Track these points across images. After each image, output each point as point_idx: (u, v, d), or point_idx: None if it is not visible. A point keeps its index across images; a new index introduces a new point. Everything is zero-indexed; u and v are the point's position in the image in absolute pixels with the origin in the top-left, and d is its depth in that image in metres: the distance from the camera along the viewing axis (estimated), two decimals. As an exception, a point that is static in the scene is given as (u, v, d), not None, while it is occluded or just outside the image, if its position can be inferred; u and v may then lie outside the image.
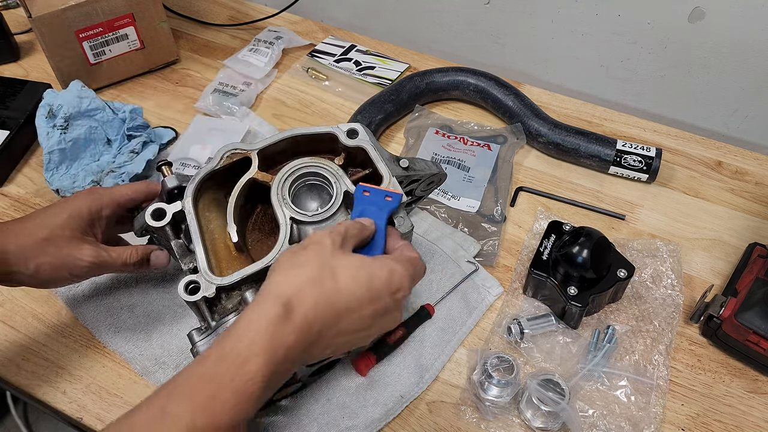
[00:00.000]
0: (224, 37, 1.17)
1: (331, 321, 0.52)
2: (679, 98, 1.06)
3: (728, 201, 0.90)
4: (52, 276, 0.65)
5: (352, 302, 0.53)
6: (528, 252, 0.82)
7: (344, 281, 0.53)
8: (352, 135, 0.69)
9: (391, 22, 1.23)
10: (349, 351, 0.64)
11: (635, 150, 0.89)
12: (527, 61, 1.15)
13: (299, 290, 0.51)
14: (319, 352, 0.53)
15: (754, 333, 0.68)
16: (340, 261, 0.54)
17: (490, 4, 1.10)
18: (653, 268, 0.80)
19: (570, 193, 0.91)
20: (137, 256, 0.68)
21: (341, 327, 0.53)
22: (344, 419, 0.67)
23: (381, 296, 0.54)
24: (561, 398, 0.65)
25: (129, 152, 0.91)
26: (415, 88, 0.99)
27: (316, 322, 0.51)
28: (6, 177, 0.92)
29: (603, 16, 1.02)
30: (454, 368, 0.73)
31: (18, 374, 0.72)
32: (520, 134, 0.95)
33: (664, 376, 0.71)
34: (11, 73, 1.08)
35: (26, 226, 0.65)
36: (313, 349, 0.52)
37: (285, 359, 0.49)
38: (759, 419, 0.69)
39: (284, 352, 0.49)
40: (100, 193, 0.69)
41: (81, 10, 0.94)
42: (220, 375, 0.47)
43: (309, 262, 0.53)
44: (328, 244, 0.55)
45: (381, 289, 0.54)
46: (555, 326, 0.74)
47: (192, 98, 1.04)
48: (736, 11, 0.92)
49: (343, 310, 0.52)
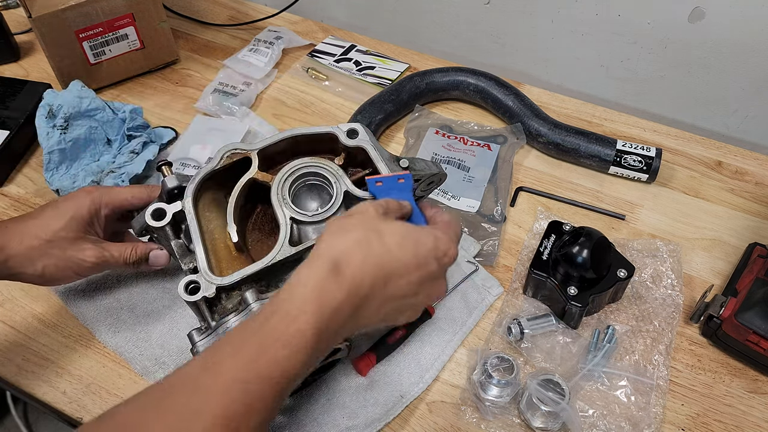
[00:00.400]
0: (224, 37, 1.17)
1: (379, 283, 0.52)
2: (679, 98, 1.06)
3: (728, 201, 0.90)
4: (57, 276, 0.66)
5: (400, 266, 0.53)
6: (528, 252, 0.82)
7: (391, 245, 0.53)
8: (352, 135, 0.69)
9: (391, 22, 1.23)
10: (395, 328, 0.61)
11: (635, 150, 0.89)
12: (527, 61, 1.15)
13: (347, 251, 0.51)
14: (368, 317, 0.53)
15: (754, 333, 0.68)
16: (386, 227, 0.54)
17: (490, 4, 1.10)
18: (653, 268, 0.80)
19: (570, 193, 0.91)
20: (136, 255, 0.69)
21: (389, 291, 0.53)
22: (344, 419, 0.67)
23: (428, 262, 0.54)
24: (561, 398, 0.65)
25: (129, 152, 0.91)
26: (415, 88, 0.99)
27: (365, 283, 0.51)
28: (6, 177, 0.92)
29: (603, 16, 1.02)
30: (454, 368, 0.73)
31: (18, 374, 0.72)
32: (520, 134, 0.95)
33: (664, 376, 0.71)
34: (11, 73, 1.08)
35: (29, 227, 0.66)
36: (362, 312, 0.51)
37: (334, 318, 0.49)
38: (759, 419, 0.69)
39: (333, 311, 0.49)
40: (100, 193, 0.70)
41: (81, 10, 0.94)
42: (268, 330, 0.47)
43: (356, 227, 0.53)
44: (372, 212, 0.55)
45: (427, 255, 0.54)
46: (555, 326, 0.74)
47: (192, 98, 1.04)
48: (736, 11, 0.92)
49: (390, 274, 0.52)
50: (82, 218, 0.68)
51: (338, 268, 0.50)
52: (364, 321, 0.53)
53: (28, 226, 0.66)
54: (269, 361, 0.45)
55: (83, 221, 0.68)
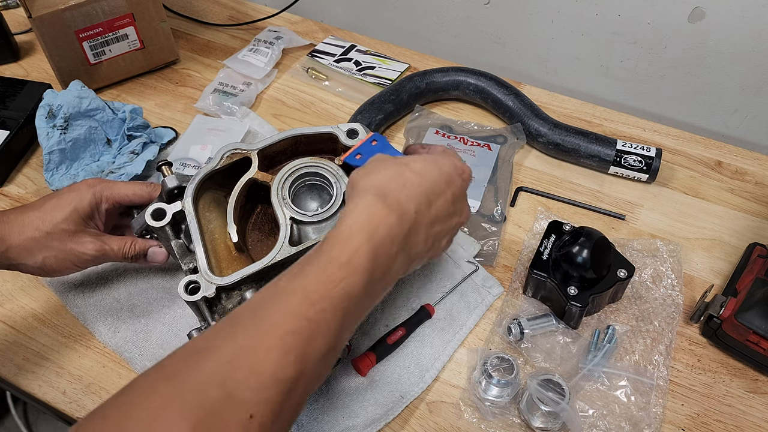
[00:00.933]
0: (224, 37, 1.17)
1: (423, 206, 0.53)
2: (679, 98, 1.06)
3: (728, 201, 0.90)
4: (57, 267, 0.67)
5: (435, 187, 0.55)
6: (528, 252, 0.82)
7: (420, 170, 0.55)
8: (352, 135, 0.69)
9: (391, 22, 1.23)
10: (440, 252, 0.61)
11: (635, 150, 0.89)
12: (527, 61, 1.15)
13: (387, 183, 0.53)
14: (417, 244, 0.54)
15: (754, 333, 0.68)
16: (406, 159, 0.56)
17: (490, 4, 1.10)
18: (653, 268, 0.80)
19: (570, 193, 0.91)
20: (135, 250, 0.70)
21: (432, 213, 0.54)
22: (344, 419, 0.67)
23: (453, 179, 0.57)
24: (561, 398, 0.65)
25: (129, 153, 0.91)
26: (415, 88, 0.99)
27: (410, 208, 0.52)
28: (6, 177, 0.92)
29: (603, 16, 1.02)
30: (454, 368, 0.73)
31: (18, 374, 0.72)
32: (520, 134, 0.95)
33: (664, 376, 0.71)
34: (11, 73, 1.08)
35: (30, 218, 0.66)
36: (412, 239, 0.52)
37: (386, 242, 0.50)
38: (759, 419, 0.69)
39: (384, 234, 0.49)
40: (102, 187, 0.70)
41: (81, 10, 0.94)
42: (322, 256, 0.48)
43: (382, 166, 0.55)
44: (385, 155, 0.58)
45: (450, 172, 0.57)
46: (555, 326, 0.74)
47: (192, 98, 1.04)
48: (736, 11, 0.92)
49: (429, 195, 0.54)
50: (84, 211, 0.68)
51: (384, 195, 0.51)
52: (415, 250, 0.53)
53: (29, 217, 0.66)
54: (328, 280, 0.46)
55: (84, 214, 0.68)
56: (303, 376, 0.43)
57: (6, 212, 0.67)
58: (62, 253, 0.66)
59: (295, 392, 0.42)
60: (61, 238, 0.66)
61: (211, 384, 0.40)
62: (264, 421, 0.40)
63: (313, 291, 0.45)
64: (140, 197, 0.72)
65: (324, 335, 0.44)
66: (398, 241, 0.51)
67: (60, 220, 0.66)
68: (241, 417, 0.39)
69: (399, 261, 0.52)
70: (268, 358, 0.42)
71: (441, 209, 0.55)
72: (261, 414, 0.40)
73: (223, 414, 0.39)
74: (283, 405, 0.41)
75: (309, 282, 0.46)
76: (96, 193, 0.69)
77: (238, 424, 0.39)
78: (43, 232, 0.65)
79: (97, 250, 0.68)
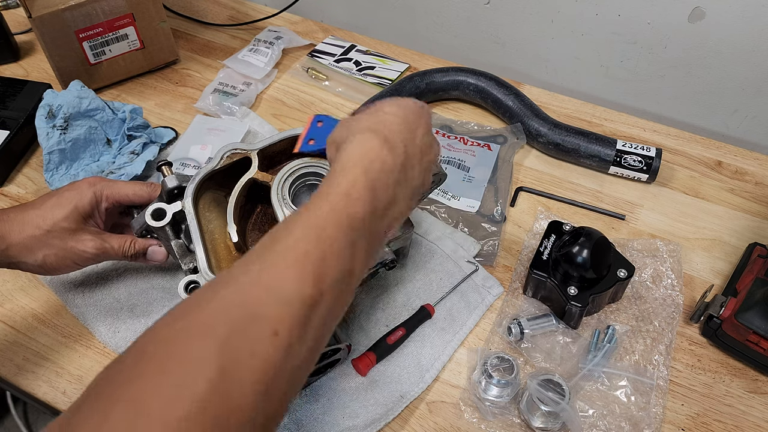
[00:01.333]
0: (224, 37, 1.17)
1: (408, 136, 0.54)
2: (679, 98, 1.06)
3: (728, 201, 0.90)
4: (57, 265, 0.67)
5: (409, 119, 0.56)
6: (528, 252, 0.82)
7: (393, 110, 0.56)
8: (352, 135, 0.68)
9: (391, 22, 1.23)
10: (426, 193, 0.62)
11: (635, 150, 0.89)
12: (527, 61, 1.15)
13: (369, 124, 0.54)
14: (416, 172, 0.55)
15: (754, 333, 0.68)
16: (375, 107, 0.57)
17: (490, 4, 1.10)
18: (653, 268, 0.80)
19: (570, 193, 0.91)
20: (135, 249, 0.70)
21: (418, 143, 0.55)
22: (344, 419, 0.67)
23: (419, 111, 0.57)
24: (561, 398, 0.65)
25: (129, 153, 0.91)
26: (415, 88, 0.99)
27: (397, 138, 0.53)
28: (6, 177, 0.92)
29: (603, 16, 1.02)
30: (454, 368, 0.73)
31: (18, 374, 0.72)
32: (520, 134, 0.95)
33: (664, 376, 0.71)
34: (11, 73, 1.08)
35: (30, 216, 0.66)
36: (410, 168, 0.54)
37: (382, 172, 0.51)
38: (759, 419, 0.69)
39: (380, 164, 0.51)
40: (102, 186, 0.70)
41: (81, 10, 0.94)
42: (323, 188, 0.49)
43: (356, 119, 0.56)
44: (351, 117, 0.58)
45: (413, 106, 0.57)
46: (555, 326, 0.74)
47: (192, 98, 1.04)
48: (736, 11, 0.92)
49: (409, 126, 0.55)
50: (84, 209, 0.68)
51: (373, 131, 0.52)
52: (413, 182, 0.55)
53: (30, 215, 0.66)
54: (331, 208, 0.47)
55: (84, 212, 0.68)
56: (322, 297, 0.43)
57: (6, 210, 0.67)
58: (62, 251, 0.66)
59: (317, 314, 0.42)
60: (61, 236, 0.66)
61: (232, 305, 0.40)
62: (291, 341, 0.40)
63: (318, 218, 0.46)
64: (140, 197, 0.72)
65: (336, 258, 0.45)
66: (395, 173, 0.52)
67: (60, 218, 0.66)
68: (266, 333, 0.39)
69: (401, 193, 0.53)
70: (286, 277, 0.42)
71: (423, 140, 0.56)
72: (286, 331, 0.40)
73: (247, 331, 0.39)
74: (307, 326, 0.42)
75: (313, 213, 0.47)
76: (96, 192, 0.70)
77: (263, 341, 0.39)
78: (43, 231, 0.66)
79: (97, 248, 0.68)
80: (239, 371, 0.37)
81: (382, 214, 0.50)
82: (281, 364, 0.39)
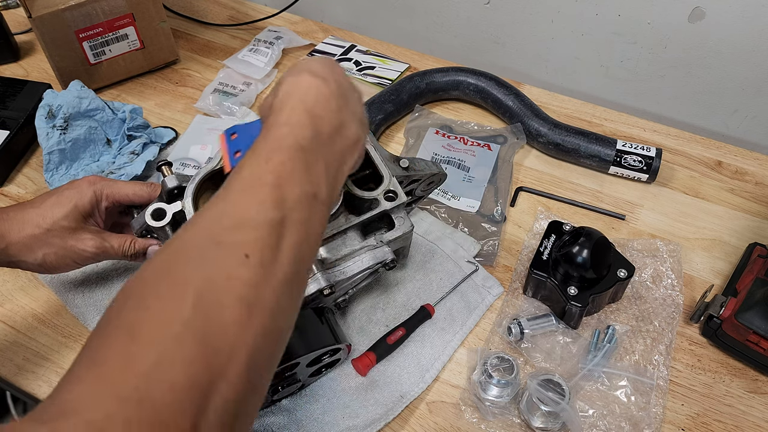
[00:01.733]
0: (224, 37, 1.17)
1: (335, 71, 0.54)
2: (679, 98, 1.06)
3: (728, 201, 0.90)
4: (57, 264, 0.67)
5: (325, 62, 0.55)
6: (528, 252, 0.82)
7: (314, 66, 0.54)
8: (352, 135, 0.68)
9: (391, 22, 1.23)
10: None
11: (635, 150, 0.89)
12: (527, 61, 1.15)
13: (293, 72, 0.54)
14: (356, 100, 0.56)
15: (754, 333, 0.68)
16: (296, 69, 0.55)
17: (490, 4, 1.10)
18: (653, 268, 0.80)
19: (570, 193, 0.91)
20: (135, 249, 0.70)
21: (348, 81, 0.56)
22: (344, 419, 0.67)
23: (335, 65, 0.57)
24: (561, 398, 0.65)
25: (129, 153, 0.91)
26: (415, 88, 0.99)
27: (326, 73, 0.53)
28: (6, 177, 0.92)
29: (603, 16, 1.02)
30: (454, 368, 0.73)
31: (18, 374, 0.72)
32: (520, 134, 0.95)
33: (664, 376, 0.71)
34: (11, 73, 1.08)
35: (30, 215, 0.66)
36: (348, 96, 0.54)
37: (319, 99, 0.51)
38: (759, 419, 0.69)
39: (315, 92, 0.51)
40: (102, 186, 0.70)
41: (81, 10, 0.94)
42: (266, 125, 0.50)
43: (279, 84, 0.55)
44: None
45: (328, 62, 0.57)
46: (555, 326, 0.74)
47: (192, 98, 1.04)
48: (736, 11, 0.92)
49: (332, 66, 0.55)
50: (84, 208, 0.68)
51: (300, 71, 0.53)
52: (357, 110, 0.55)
53: (29, 214, 0.66)
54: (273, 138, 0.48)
55: (85, 211, 0.68)
56: (288, 219, 0.44)
57: (5, 209, 0.67)
58: (62, 250, 0.66)
59: (286, 237, 0.43)
60: (61, 235, 0.66)
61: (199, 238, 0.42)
62: (263, 262, 0.41)
63: (264, 150, 0.47)
64: (140, 197, 0.72)
65: (292, 181, 0.46)
66: (334, 98, 0.52)
67: (60, 217, 0.66)
68: (237, 257, 0.40)
69: (347, 118, 0.53)
70: (247, 205, 0.44)
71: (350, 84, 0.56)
72: (257, 253, 0.41)
73: (219, 258, 0.40)
74: (277, 248, 0.42)
75: (260, 146, 0.48)
76: (96, 191, 0.69)
77: (236, 265, 0.40)
78: (43, 229, 0.65)
79: (97, 247, 0.68)
80: (217, 293, 0.38)
81: (329, 138, 0.51)
82: (259, 287, 0.40)
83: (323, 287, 0.62)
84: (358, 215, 0.67)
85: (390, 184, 0.67)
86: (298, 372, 0.64)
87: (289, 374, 0.64)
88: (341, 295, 0.70)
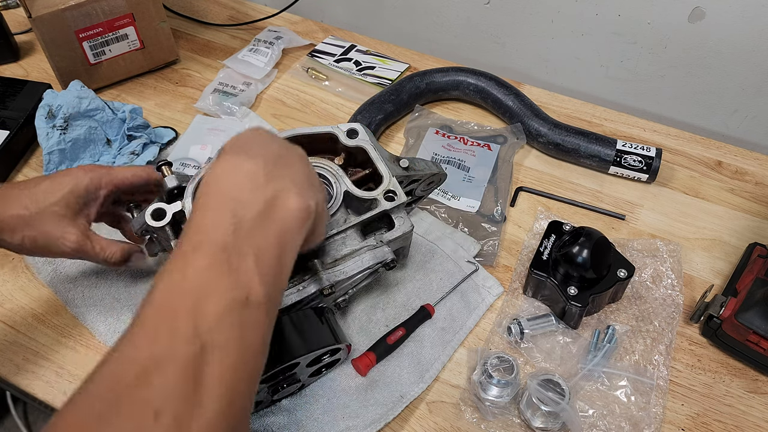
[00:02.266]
0: (224, 37, 1.17)
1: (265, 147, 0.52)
2: (679, 98, 1.06)
3: (728, 201, 0.90)
4: (33, 249, 0.65)
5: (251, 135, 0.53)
6: (528, 252, 0.82)
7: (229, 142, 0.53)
8: (352, 135, 0.69)
9: (391, 22, 1.23)
10: None
11: (635, 150, 0.89)
12: (527, 61, 1.15)
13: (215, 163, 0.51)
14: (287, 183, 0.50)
15: (754, 333, 0.68)
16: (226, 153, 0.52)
17: (490, 4, 1.10)
18: (653, 268, 0.80)
19: (570, 193, 0.91)
20: (119, 256, 0.69)
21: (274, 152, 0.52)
22: (344, 419, 0.67)
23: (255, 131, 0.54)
24: (561, 398, 0.65)
25: (129, 153, 0.91)
26: (415, 88, 0.99)
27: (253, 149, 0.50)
28: (6, 177, 0.92)
29: (603, 16, 1.02)
30: (454, 368, 0.73)
31: (18, 374, 0.72)
32: (520, 134, 0.95)
33: (664, 376, 0.71)
34: (11, 73, 1.08)
35: (20, 195, 0.65)
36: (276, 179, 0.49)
37: (242, 190, 0.47)
38: (759, 419, 0.69)
39: (231, 186, 0.48)
40: (99, 174, 0.69)
41: (81, 10, 0.94)
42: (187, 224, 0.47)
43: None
44: None
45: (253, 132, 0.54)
46: (555, 326, 0.74)
47: (192, 98, 1.04)
48: (736, 11, 0.92)
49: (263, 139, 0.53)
50: (78, 195, 0.67)
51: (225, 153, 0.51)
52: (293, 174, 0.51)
53: (20, 194, 0.65)
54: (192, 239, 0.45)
55: (79, 198, 0.67)
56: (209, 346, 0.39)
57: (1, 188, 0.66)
58: (42, 237, 0.64)
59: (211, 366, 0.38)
60: (47, 220, 0.64)
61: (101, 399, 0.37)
62: (177, 414, 0.37)
63: (180, 258, 0.44)
64: (140, 178, 0.70)
65: (214, 293, 0.41)
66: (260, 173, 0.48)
67: (52, 202, 0.65)
68: (145, 418, 0.36)
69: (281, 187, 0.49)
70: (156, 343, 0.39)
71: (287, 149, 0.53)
72: (169, 407, 0.37)
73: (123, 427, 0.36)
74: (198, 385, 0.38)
75: (177, 254, 0.44)
76: (94, 178, 0.68)
77: (145, 428, 0.35)
78: (30, 212, 0.64)
79: (77, 243, 0.65)
80: None
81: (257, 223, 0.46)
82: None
83: (323, 287, 0.62)
84: (358, 215, 0.67)
85: (390, 184, 0.67)
86: (298, 372, 0.64)
87: (289, 374, 0.64)
88: (341, 295, 0.70)
